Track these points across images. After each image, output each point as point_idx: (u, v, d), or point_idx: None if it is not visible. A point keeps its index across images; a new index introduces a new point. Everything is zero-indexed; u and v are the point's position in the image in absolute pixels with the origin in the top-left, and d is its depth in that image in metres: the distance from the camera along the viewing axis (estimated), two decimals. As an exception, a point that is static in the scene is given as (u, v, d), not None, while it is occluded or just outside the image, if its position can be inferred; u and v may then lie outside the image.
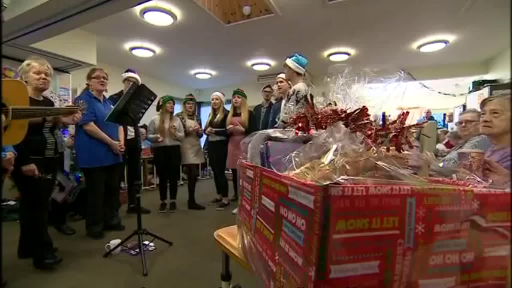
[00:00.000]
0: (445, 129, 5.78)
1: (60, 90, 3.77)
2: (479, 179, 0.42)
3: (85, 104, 2.01)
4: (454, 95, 6.14)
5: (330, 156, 0.40)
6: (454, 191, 0.35)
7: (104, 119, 2.18)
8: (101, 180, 2.47)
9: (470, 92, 4.60)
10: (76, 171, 3.23)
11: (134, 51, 4.42)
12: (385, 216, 0.31)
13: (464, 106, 4.89)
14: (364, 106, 0.51)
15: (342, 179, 0.31)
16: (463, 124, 2.02)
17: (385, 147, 0.49)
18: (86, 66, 3.83)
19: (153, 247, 2.30)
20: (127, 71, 3.09)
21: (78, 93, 4.07)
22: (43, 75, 1.88)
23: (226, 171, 3.69)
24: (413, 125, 0.49)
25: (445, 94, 6.20)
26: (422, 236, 0.33)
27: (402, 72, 0.56)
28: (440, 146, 4.24)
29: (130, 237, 2.16)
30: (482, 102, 1.34)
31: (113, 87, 3.07)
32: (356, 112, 0.51)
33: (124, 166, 2.91)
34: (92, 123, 2.38)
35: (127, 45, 4.24)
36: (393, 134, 0.48)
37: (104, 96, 2.58)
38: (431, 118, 6.11)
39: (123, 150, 2.56)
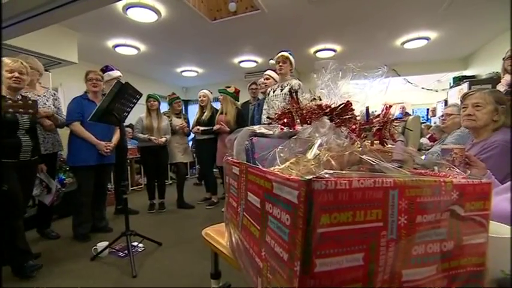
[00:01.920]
0: (428, 123, 5.96)
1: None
2: (458, 171, 0.43)
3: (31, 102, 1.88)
4: (437, 91, 6.34)
5: (314, 151, 0.40)
6: (434, 183, 0.36)
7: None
8: (87, 179, 2.44)
9: (451, 87, 4.76)
10: (60, 173, 3.13)
11: (118, 49, 4.30)
12: (369, 209, 0.31)
13: (446, 101, 5.06)
14: (348, 101, 0.51)
15: (325, 173, 0.31)
16: (443, 117, 2.10)
17: (369, 141, 0.50)
18: (66, 64, 3.69)
19: (142, 248, 2.26)
20: (108, 70, 2.97)
21: (59, 92, 3.94)
22: (16, 74, 1.80)
23: (214, 170, 3.67)
24: (396, 119, 0.50)
25: (428, 90, 6.39)
26: (404, 227, 0.34)
27: (385, 66, 0.56)
28: (424, 140, 4.37)
29: (118, 238, 2.12)
30: (462, 96, 1.38)
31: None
32: (340, 107, 0.51)
33: (112, 167, 2.85)
34: (77, 123, 2.39)
35: (110, 43, 4.11)
36: (377, 128, 0.48)
37: (102, 96, 2.55)
38: (407, 114, 6.29)
39: (108, 151, 2.49)
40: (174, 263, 2.03)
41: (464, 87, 4.17)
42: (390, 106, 0.51)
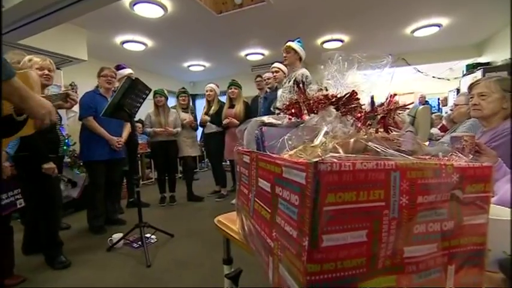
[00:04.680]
0: (438, 113, 5.83)
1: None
2: (460, 155, 0.45)
3: (73, 89, 2.05)
4: (448, 79, 6.17)
5: (320, 138, 0.43)
6: (435, 165, 0.38)
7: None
8: (100, 174, 2.52)
9: (464, 75, 4.62)
10: (74, 168, 3.24)
11: (126, 45, 4.36)
12: (372, 190, 0.33)
13: (458, 90, 4.92)
14: (353, 90, 0.53)
15: (331, 156, 0.34)
16: (452, 107, 2.08)
17: (374, 129, 0.52)
18: (77, 62, 3.77)
19: (155, 239, 2.34)
20: (119, 68, 3.03)
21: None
22: (46, 71, 1.88)
23: (224, 163, 3.72)
24: (399, 107, 0.51)
25: (439, 78, 6.22)
26: (406, 207, 0.36)
27: (390, 56, 0.58)
28: (435, 130, 4.29)
29: (132, 230, 2.20)
30: (469, 86, 1.37)
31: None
32: (346, 96, 0.53)
33: (125, 161, 2.94)
34: (91, 118, 2.45)
35: (118, 39, 4.17)
36: (381, 115, 0.50)
37: (112, 93, 2.61)
38: (426, 103, 6.15)
39: (120, 146, 2.57)
40: (186, 254, 2.10)
41: (478, 74, 4.04)
42: (395, 95, 0.53)
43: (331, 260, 0.32)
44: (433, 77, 6.10)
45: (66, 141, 3.31)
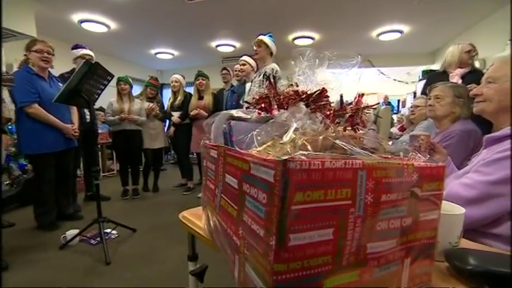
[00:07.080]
0: (400, 114, 6.28)
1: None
2: (419, 155, 0.47)
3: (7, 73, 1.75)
4: (407, 83, 6.67)
5: (290, 134, 0.42)
6: (398, 165, 0.39)
7: (51, 100, 1.94)
8: (50, 166, 2.25)
9: (419, 80, 5.03)
10: (20, 158, 2.91)
11: (84, 25, 3.97)
12: (339, 188, 0.33)
13: (414, 93, 5.35)
14: (323, 88, 0.53)
15: (300, 154, 0.33)
16: (412, 109, 2.24)
17: (342, 127, 0.52)
18: (23, 37, 3.33)
19: (116, 235, 2.21)
20: (77, 48, 2.76)
21: (14, 69, 3.56)
22: None
23: (190, 155, 3.63)
24: (367, 106, 0.53)
25: (399, 81, 6.70)
26: (371, 205, 0.37)
27: (359, 56, 0.59)
28: (394, 130, 4.64)
29: (89, 226, 2.05)
30: (428, 89, 1.50)
31: (59, 65, 2.71)
32: (316, 93, 0.53)
33: (78, 150, 2.68)
34: (36, 105, 2.09)
35: (75, 17, 3.77)
36: (349, 114, 0.51)
37: (49, 72, 2.27)
38: (389, 103, 6.61)
39: (77, 134, 2.34)
40: (149, 249, 2.02)
41: (431, 80, 4.43)
42: (362, 94, 0.54)
43: (298, 258, 0.32)
44: (394, 79, 6.55)
45: (10, 127, 2.94)
